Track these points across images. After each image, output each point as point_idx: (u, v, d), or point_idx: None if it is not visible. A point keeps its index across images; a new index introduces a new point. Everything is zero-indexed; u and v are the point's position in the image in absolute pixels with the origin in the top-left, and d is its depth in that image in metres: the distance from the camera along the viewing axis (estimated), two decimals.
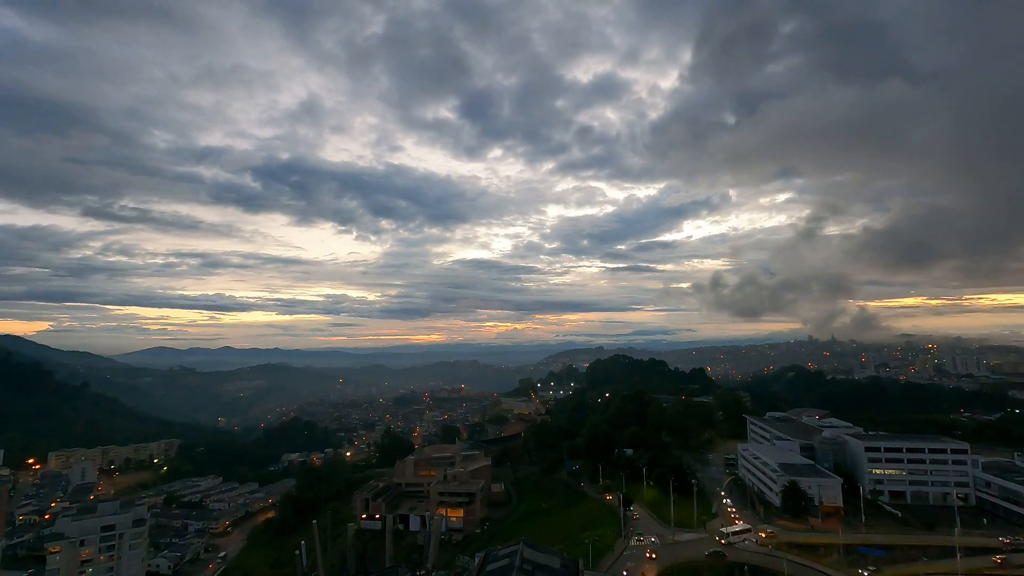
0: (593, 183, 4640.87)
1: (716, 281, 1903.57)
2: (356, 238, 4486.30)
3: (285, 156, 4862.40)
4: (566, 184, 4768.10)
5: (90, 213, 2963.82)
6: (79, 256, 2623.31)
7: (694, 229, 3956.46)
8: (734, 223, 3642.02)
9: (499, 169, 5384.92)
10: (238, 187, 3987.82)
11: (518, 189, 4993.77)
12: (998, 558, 77.77)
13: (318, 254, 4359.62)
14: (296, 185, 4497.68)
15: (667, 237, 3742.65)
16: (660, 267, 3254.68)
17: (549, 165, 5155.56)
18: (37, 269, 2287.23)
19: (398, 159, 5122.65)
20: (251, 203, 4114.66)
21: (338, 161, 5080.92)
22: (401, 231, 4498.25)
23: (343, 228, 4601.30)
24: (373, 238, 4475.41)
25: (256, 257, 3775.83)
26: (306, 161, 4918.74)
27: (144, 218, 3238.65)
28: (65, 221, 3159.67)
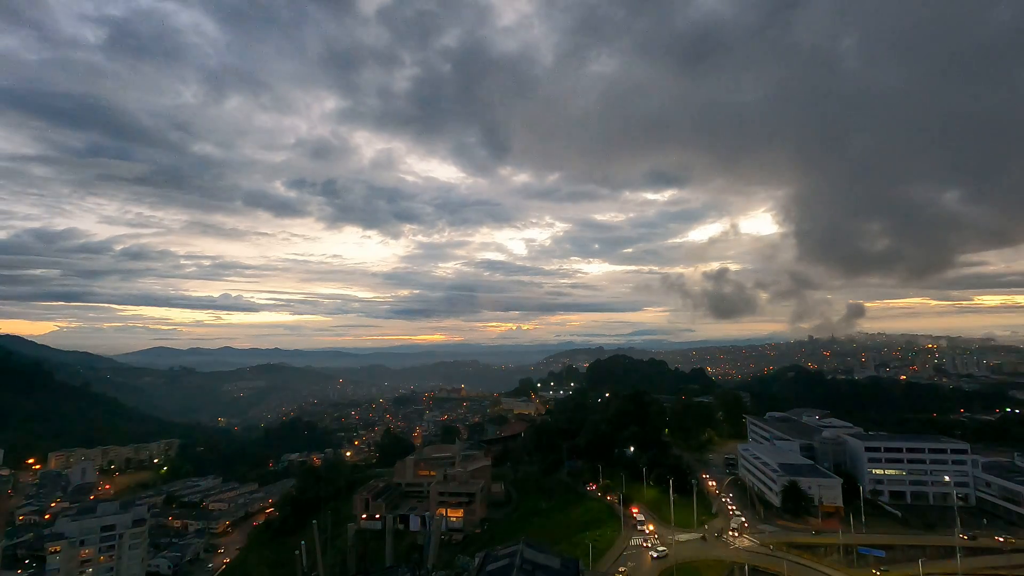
0: (600, 189, 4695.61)
1: (682, 280, 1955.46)
2: (378, 243, 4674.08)
3: (314, 168, 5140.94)
4: (574, 189, 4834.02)
5: (110, 217, 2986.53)
6: (97, 258, 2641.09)
7: (699, 233, 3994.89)
8: (736, 227, 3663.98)
9: (512, 180, 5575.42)
10: (270, 194, 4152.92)
11: (528, 196, 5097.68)
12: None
13: (334, 256, 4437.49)
14: (324, 192, 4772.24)
15: (673, 240, 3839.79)
16: (665, 269, 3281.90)
17: (555, 176, 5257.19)
18: (50, 271, 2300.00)
19: (422, 171, 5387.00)
20: (281, 208, 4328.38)
21: (364, 169, 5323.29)
22: (419, 236, 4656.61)
23: (366, 234, 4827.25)
24: (392, 242, 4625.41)
25: (270, 259, 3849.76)
26: (334, 172, 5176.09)
27: (160, 222, 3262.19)
28: (86, 224, 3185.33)
